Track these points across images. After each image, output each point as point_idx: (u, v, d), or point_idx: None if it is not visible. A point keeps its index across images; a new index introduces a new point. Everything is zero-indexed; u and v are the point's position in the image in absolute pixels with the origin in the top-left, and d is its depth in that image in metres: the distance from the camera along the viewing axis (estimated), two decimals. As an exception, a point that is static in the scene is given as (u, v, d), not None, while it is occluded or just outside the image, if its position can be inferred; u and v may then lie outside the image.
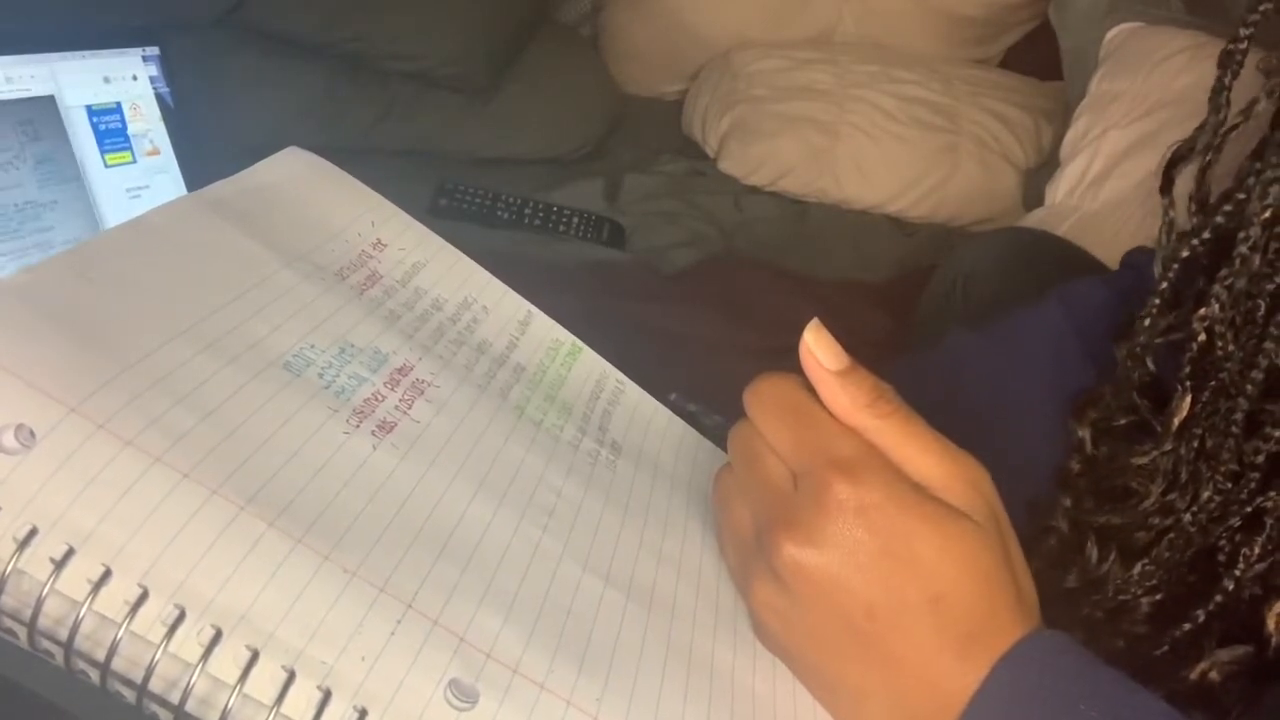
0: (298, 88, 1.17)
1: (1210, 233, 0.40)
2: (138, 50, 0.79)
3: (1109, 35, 1.33)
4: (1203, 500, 0.39)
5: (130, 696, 0.25)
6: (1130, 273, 0.53)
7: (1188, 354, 0.40)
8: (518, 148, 1.33)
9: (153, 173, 0.79)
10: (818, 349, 0.33)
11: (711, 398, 0.46)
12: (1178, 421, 0.40)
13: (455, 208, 1.17)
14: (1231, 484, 0.38)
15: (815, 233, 1.33)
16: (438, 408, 0.35)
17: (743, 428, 0.35)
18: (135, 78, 0.78)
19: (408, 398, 0.34)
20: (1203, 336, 0.39)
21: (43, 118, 0.73)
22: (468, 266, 0.44)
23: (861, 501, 0.31)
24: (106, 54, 0.77)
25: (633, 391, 0.45)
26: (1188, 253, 0.41)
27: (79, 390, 0.26)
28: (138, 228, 0.34)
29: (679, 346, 1.01)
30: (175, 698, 0.24)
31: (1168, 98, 1.21)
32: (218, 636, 0.25)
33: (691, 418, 0.46)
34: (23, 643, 0.24)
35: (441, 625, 0.27)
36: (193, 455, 0.27)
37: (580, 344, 0.45)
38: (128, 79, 0.78)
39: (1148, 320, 0.42)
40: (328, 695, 0.25)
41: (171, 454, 0.26)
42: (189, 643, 0.24)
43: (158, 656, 0.24)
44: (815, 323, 0.33)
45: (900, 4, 1.57)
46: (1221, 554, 0.39)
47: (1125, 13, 1.34)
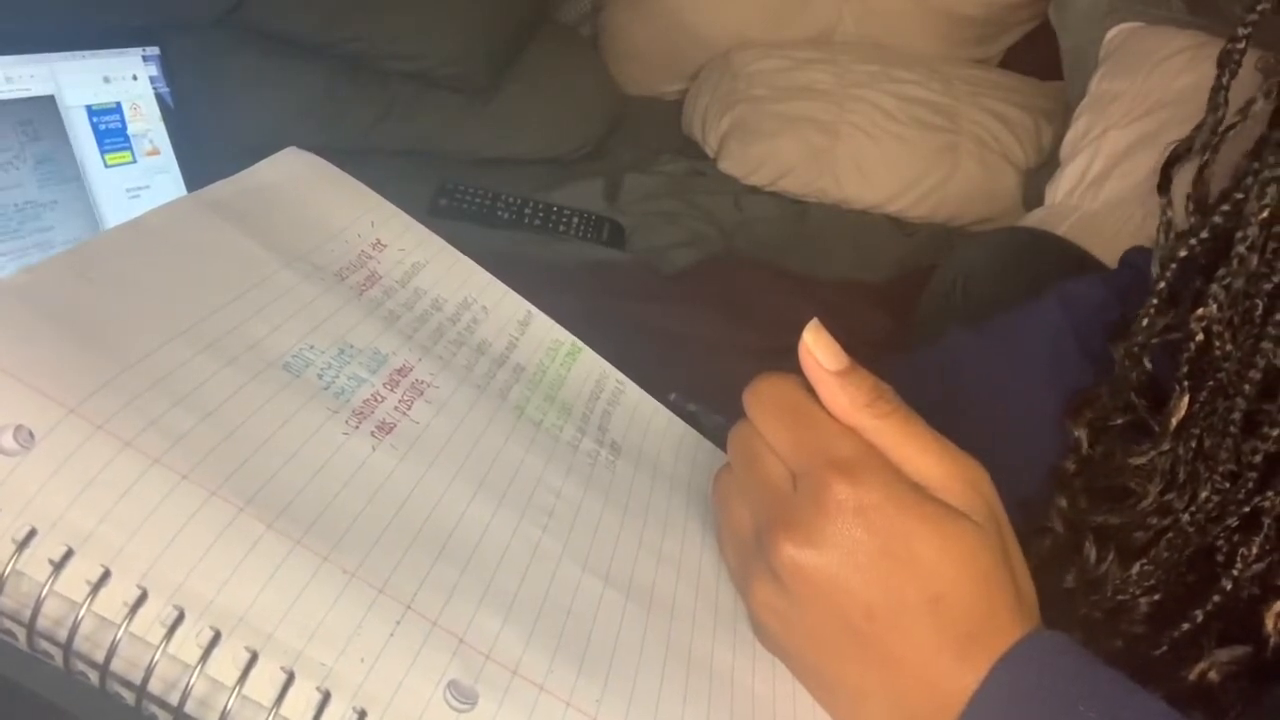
0: (298, 88, 1.17)
1: (1208, 232, 0.40)
2: (138, 50, 0.79)
3: (1109, 35, 1.33)
4: (1201, 500, 0.39)
5: (129, 698, 0.25)
6: (1129, 271, 0.53)
7: (1185, 354, 0.40)
8: (518, 148, 1.33)
9: (153, 173, 0.79)
10: (817, 349, 0.33)
11: (711, 398, 0.46)
12: (1175, 421, 0.40)
13: (455, 208, 1.17)
14: (1229, 484, 0.38)
15: (815, 233, 1.33)
16: (437, 408, 0.35)
17: (742, 428, 0.35)
18: (135, 78, 0.78)
19: (407, 398, 0.34)
20: (1200, 336, 0.39)
21: (43, 118, 0.73)
22: (467, 267, 0.44)
23: (860, 502, 0.31)
24: (106, 54, 0.77)
25: (632, 392, 0.45)
26: (1185, 252, 0.41)
27: (78, 391, 0.26)
28: (137, 228, 0.34)
29: (679, 346, 1.01)
30: (174, 699, 0.24)
31: (1168, 98, 1.21)
32: (217, 638, 0.25)
33: (691, 418, 0.46)
34: (22, 644, 0.24)
35: (441, 626, 0.27)
36: (192, 456, 0.27)
37: (580, 344, 0.45)
38: (128, 79, 0.78)
39: (1145, 320, 0.42)
40: (327, 696, 0.25)
41: (171, 455, 0.26)
42: (188, 644, 0.24)
43: (157, 658, 0.24)
44: (815, 323, 0.33)
45: (900, 4, 1.57)
46: (1220, 554, 0.39)
47: (1125, 13, 1.34)
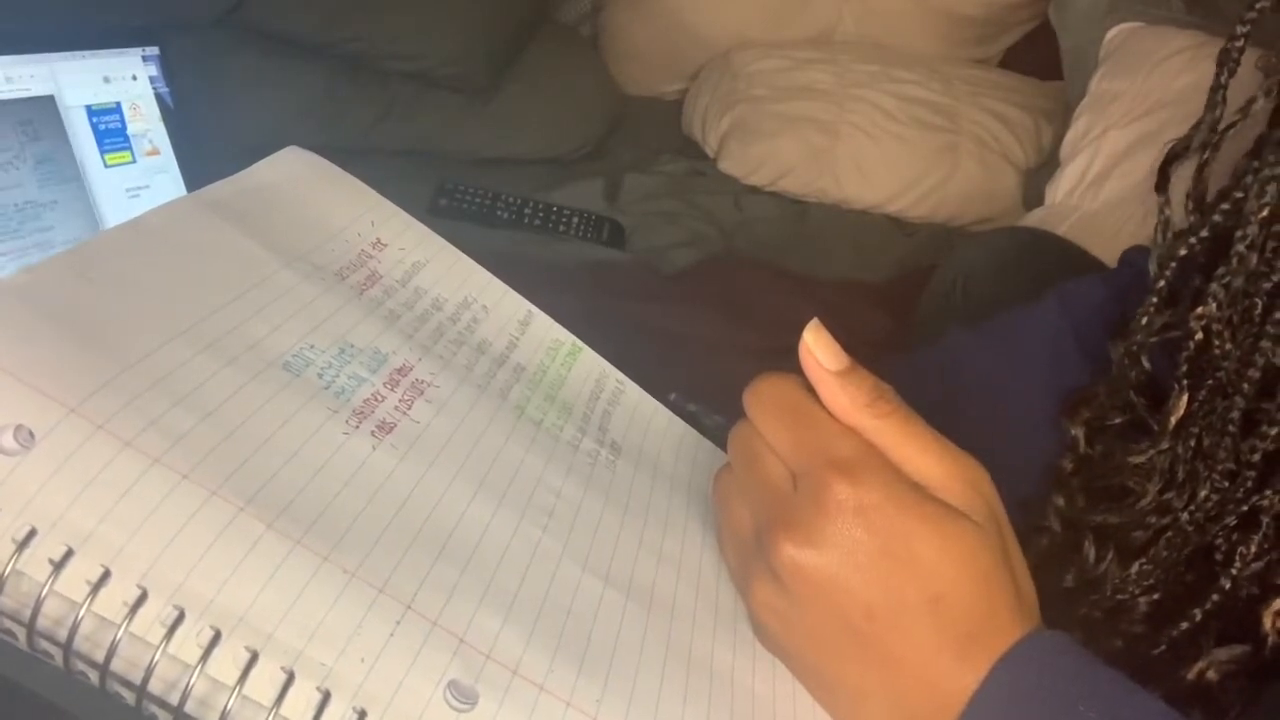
0: (298, 88, 1.17)
1: (1208, 231, 0.40)
2: (138, 50, 0.79)
3: (1109, 35, 1.33)
4: (1200, 499, 0.39)
5: (129, 698, 0.25)
6: (1128, 270, 0.53)
7: (1185, 352, 0.40)
8: (518, 148, 1.33)
9: (153, 173, 0.79)
10: (817, 349, 0.33)
11: (711, 398, 0.46)
12: (1175, 420, 0.40)
13: (455, 208, 1.17)
14: (1228, 483, 0.38)
15: (815, 233, 1.33)
16: (437, 408, 0.35)
17: (742, 428, 0.35)
18: (135, 78, 0.78)
19: (407, 398, 0.34)
20: (1200, 335, 0.39)
21: (43, 118, 0.73)
22: (467, 266, 0.44)
23: (860, 502, 0.31)
24: (106, 54, 0.77)
25: (632, 391, 0.45)
26: (1185, 251, 0.41)
27: (78, 391, 0.26)
28: (137, 228, 0.34)
29: (679, 346, 1.01)
30: (174, 699, 0.24)
31: (1168, 98, 1.21)
32: (217, 637, 0.25)
33: (691, 418, 0.46)
34: (22, 644, 0.24)
35: (441, 626, 0.27)
36: (192, 456, 0.27)
37: (580, 344, 0.45)
38: (127, 79, 0.78)
39: (1144, 319, 0.42)
40: (327, 696, 0.25)
41: (171, 455, 0.26)
42: (188, 644, 0.24)
43: (157, 658, 0.24)
44: (815, 323, 0.33)
45: (900, 4, 1.57)
46: (1218, 553, 0.39)
47: (1125, 13, 1.34)
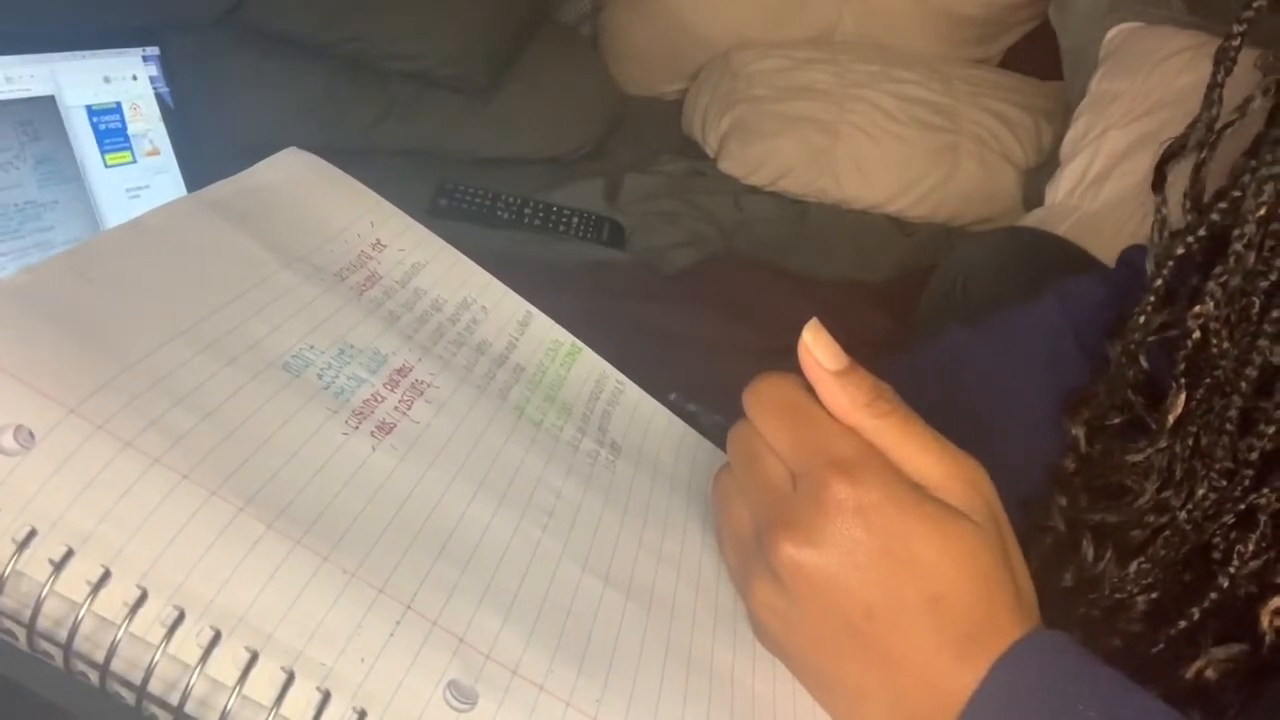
0: (298, 88, 1.17)
1: (1205, 230, 0.40)
2: (138, 50, 0.79)
3: (1109, 35, 1.33)
4: (1198, 498, 0.39)
5: (129, 698, 0.25)
6: (1127, 270, 0.53)
7: (1182, 351, 0.40)
8: (518, 148, 1.33)
9: (153, 173, 0.79)
10: (816, 349, 0.33)
11: (711, 398, 0.46)
12: (1173, 419, 0.40)
13: (455, 208, 1.17)
14: (1226, 481, 0.38)
15: (815, 233, 1.33)
16: (437, 408, 0.35)
17: (742, 428, 0.35)
18: (135, 78, 0.78)
19: (407, 398, 0.34)
20: (1197, 334, 0.39)
21: (43, 118, 0.73)
22: (467, 267, 0.44)
23: (860, 501, 0.31)
24: (106, 54, 0.77)
25: (632, 392, 0.45)
26: (1182, 250, 0.41)
27: (78, 391, 0.26)
28: (137, 228, 0.34)
29: (679, 346, 1.01)
30: (174, 699, 0.24)
31: (1168, 97, 1.21)
32: (217, 638, 0.25)
33: (691, 418, 0.46)
34: (22, 644, 0.24)
35: (441, 626, 0.28)
36: (192, 456, 0.27)
37: (580, 344, 0.45)
38: (128, 79, 0.78)
39: (1142, 318, 0.42)
40: (327, 696, 0.25)
41: (171, 455, 0.26)
42: (188, 644, 0.24)
43: (157, 658, 0.24)
44: (814, 322, 0.33)
45: (900, 4, 1.57)
46: (1216, 551, 0.39)
47: (1125, 13, 1.34)
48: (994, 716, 0.31)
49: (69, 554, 0.24)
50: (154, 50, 0.79)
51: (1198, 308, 0.39)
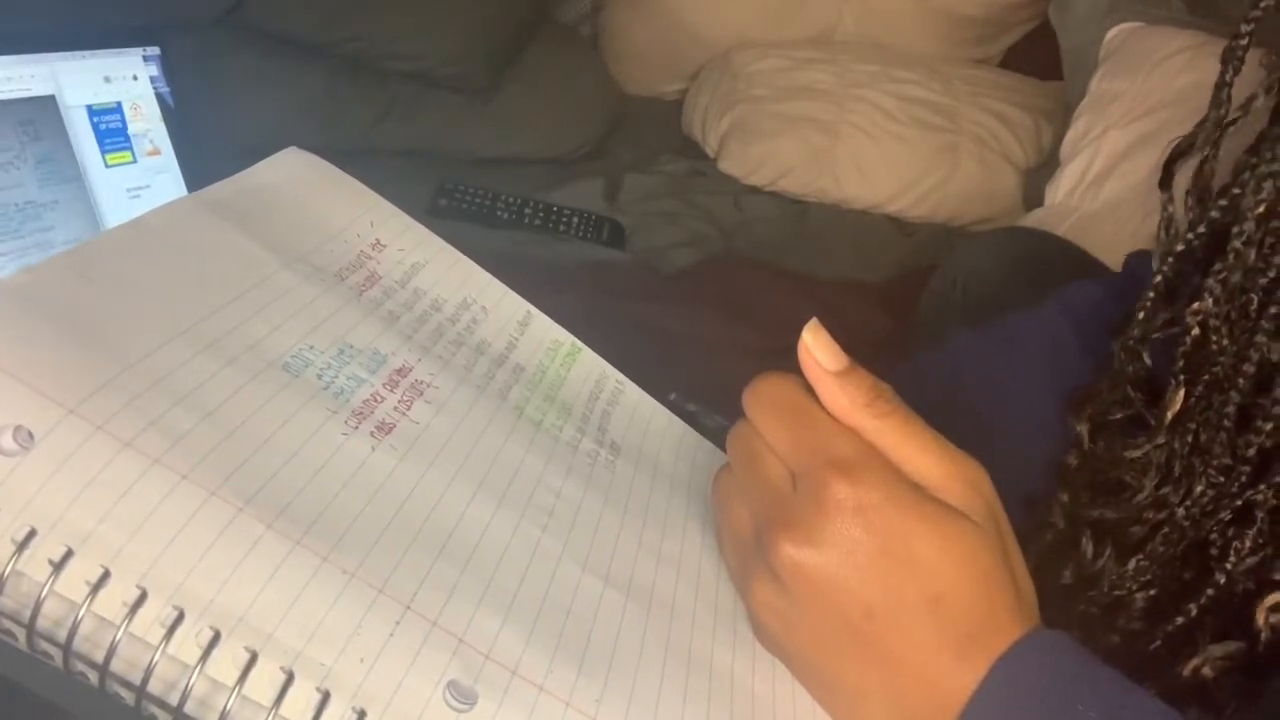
0: (298, 88, 1.17)
1: (1205, 227, 0.40)
2: (138, 50, 0.79)
3: (1109, 35, 1.33)
4: (1195, 494, 0.39)
5: (129, 698, 0.25)
6: (1130, 275, 0.53)
7: (1181, 348, 0.40)
8: (518, 148, 1.33)
9: (153, 173, 0.79)
10: (816, 349, 0.33)
11: (711, 398, 0.46)
12: (1171, 415, 0.40)
13: (455, 208, 1.17)
14: (1223, 478, 0.38)
15: (815, 233, 1.33)
16: (437, 408, 0.35)
17: (742, 428, 0.35)
18: (135, 78, 0.78)
19: (407, 399, 0.34)
20: (1196, 331, 0.40)
21: (43, 118, 0.73)
22: (467, 267, 0.44)
23: (860, 501, 0.31)
24: (106, 54, 0.77)
25: (632, 392, 0.45)
26: (1183, 246, 0.41)
27: (78, 391, 0.26)
28: (137, 228, 0.34)
29: (679, 346, 1.01)
30: (174, 699, 0.24)
31: (1168, 97, 1.21)
32: (216, 638, 0.25)
33: (691, 418, 0.46)
34: (22, 644, 0.24)
35: (440, 626, 0.27)
36: (192, 456, 0.27)
37: (580, 344, 0.45)
38: (128, 79, 0.78)
39: (1143, 314, 0.42)
40: (326, 696, 0.25)
41: (170, 455, 0.26)
42: (188, 644, 0.24)
43: (156, 658, 0.24)
44: (814, 322, 0.33)
45: (900, 4, 1.57)
46: (1213, 548, 0.39)
47: (1125, 13, 1.34)
48: (994, 716, 0.31)
49: (69, 554, 0.24)
50: (154, 50, 0.79)
51: (1197, 304, 0.39)
